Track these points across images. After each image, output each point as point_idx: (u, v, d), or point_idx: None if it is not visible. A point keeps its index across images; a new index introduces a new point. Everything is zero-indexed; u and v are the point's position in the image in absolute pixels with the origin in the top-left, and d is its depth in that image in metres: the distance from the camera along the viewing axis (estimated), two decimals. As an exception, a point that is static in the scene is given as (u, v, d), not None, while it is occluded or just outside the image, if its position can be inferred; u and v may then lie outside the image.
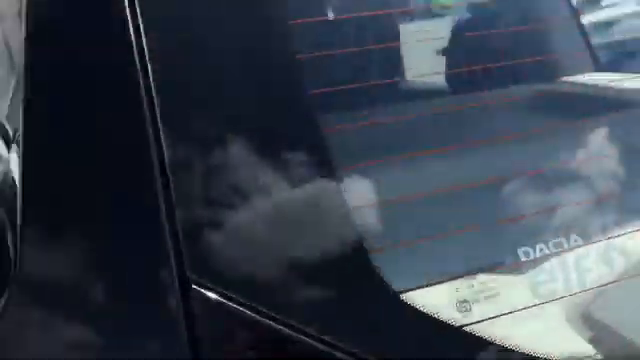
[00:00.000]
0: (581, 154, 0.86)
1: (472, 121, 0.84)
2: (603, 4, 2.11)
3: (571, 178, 0.80)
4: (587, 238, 0.74)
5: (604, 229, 0.76)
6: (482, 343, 0.66)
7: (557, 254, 0.72)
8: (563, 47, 1.42)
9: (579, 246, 0.73)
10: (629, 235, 0.75)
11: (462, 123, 0.83)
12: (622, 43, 1.85)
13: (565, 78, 1.27)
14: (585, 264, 0.72)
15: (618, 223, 0.78)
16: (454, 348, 0.66)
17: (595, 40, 1.60)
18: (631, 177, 0.85)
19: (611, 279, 0.73)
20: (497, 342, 0.66)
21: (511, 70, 0.96)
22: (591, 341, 0.71)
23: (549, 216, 0.76)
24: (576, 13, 1.56)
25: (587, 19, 1.67)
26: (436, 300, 0.67)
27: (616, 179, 0.83)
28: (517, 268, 0.71)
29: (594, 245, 0.74)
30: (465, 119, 0.85)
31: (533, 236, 0.73)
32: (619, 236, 0.75)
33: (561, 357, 0.67)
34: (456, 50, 1.01)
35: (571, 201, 0.78)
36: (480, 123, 0.84)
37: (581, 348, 0.70)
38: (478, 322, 0.67)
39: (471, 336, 0.66)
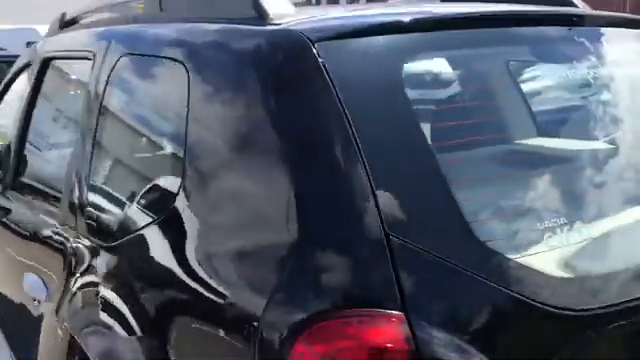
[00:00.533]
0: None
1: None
2: (524, 77, 2.76)
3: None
4: (570, 219, 1.43)
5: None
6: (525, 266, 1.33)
7: (558, 227, 1.41)
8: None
9: (566, 223, 1.42)
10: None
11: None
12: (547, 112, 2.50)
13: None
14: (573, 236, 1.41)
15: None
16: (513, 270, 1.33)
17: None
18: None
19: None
20: (531, 266, 1.33)
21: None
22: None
23: (555, 209, 1.44)
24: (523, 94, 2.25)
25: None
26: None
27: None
28: (538, 233, 1.39)
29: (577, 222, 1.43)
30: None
31: (549, 217, 1.41)
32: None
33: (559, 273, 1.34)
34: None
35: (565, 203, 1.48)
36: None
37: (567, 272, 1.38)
38: (522, 257, 1.34)
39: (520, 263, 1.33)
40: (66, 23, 3.04)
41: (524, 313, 1.29)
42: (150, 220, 1.68)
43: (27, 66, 3.25)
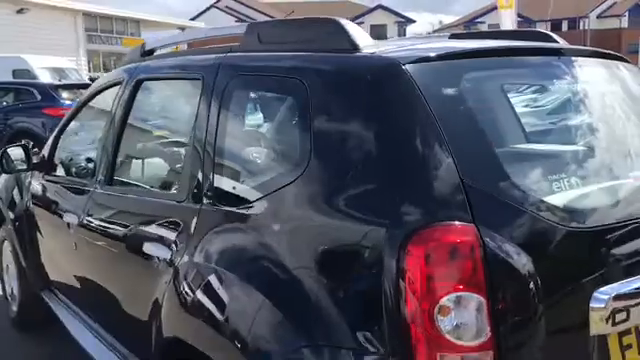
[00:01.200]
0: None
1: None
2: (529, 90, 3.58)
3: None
4: (569, 175, 2.26)
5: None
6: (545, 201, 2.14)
7: (561, 179, 2.23)
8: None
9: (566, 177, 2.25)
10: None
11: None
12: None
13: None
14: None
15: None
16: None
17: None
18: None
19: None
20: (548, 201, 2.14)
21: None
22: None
23: (558, 169, 2.27)
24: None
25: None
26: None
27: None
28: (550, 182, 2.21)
29: (572, 177, 2.26)
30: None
31: (555, 174, 2.24)
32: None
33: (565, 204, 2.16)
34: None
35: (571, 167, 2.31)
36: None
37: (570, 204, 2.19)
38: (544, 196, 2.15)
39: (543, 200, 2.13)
40: (147, 52, 3.80)
41: (547, 228, 2.08)
42: (278, 187, 2.41)
43: (103, 90, 3.99)
